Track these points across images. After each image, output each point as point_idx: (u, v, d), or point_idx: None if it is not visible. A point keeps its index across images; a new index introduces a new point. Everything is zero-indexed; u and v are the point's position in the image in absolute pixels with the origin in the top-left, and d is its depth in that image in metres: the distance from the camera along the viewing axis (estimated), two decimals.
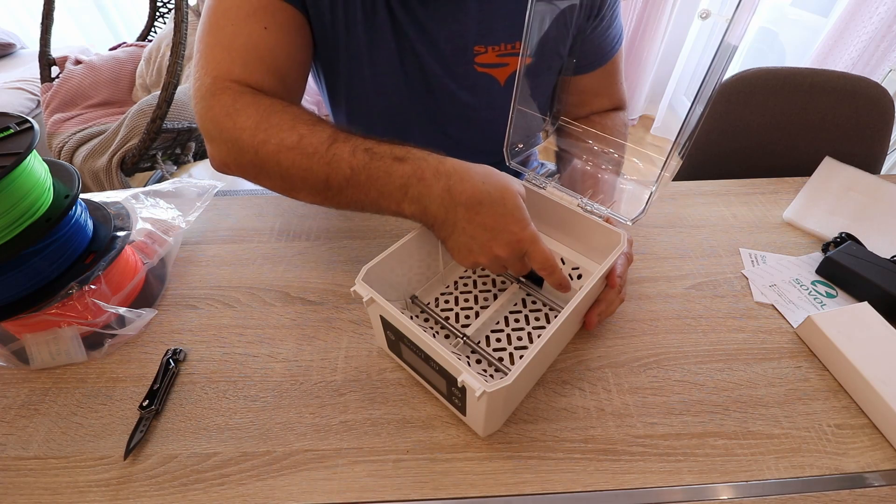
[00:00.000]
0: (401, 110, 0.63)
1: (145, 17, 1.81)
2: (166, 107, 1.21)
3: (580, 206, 0.50)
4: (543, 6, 0.50)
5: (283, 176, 0.45)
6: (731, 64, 0.37)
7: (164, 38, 1.57)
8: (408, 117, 0.64)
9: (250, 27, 0.47)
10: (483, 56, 0.59)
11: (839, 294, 0.56)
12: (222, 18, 0.48)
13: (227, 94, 0.46)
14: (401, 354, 0.46)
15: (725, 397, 0.46)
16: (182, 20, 1.19)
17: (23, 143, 0.43)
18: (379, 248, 0.54)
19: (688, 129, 0.40)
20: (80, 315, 0.48)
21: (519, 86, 0.50)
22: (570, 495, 0.40)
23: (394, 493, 0.40)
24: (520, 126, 0.53)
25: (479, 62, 0.59)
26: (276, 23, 0.49)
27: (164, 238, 0.58)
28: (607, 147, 0.59)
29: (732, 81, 0.89)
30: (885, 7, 1.35)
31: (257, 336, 0.51)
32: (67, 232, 0.47)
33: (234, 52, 0.48)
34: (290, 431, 0.43)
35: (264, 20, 0.48)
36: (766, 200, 0.70)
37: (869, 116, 0.84)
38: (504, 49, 0.58)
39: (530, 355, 0.35)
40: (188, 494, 0.39)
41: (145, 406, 0.44)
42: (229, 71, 0.47)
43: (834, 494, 0.39)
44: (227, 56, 0.47)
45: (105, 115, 1.50)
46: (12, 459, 0.42)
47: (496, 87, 0.61)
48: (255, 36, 0.48)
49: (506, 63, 0.60)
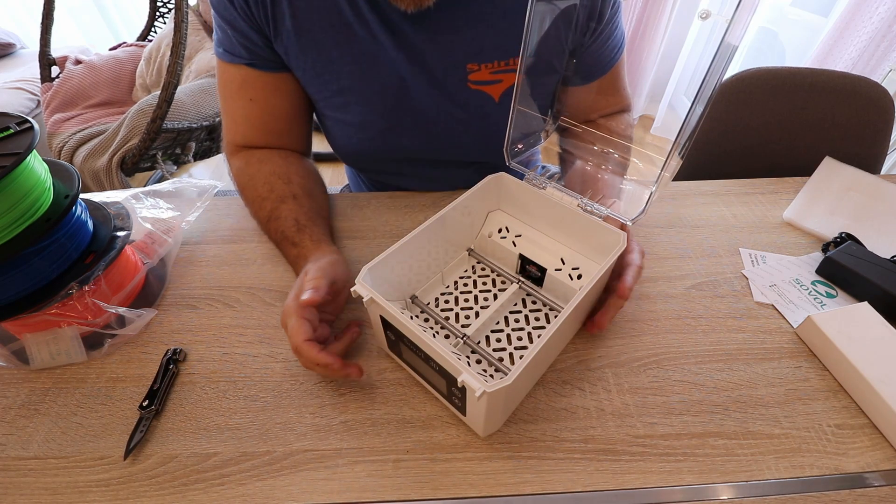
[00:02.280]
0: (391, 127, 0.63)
1: (145, 17, 1.81)
2: (166, 107, 1.21)
3: (580, 206, 0.50)
4: (543, 6, 0.50)
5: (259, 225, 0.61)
6: (731, 64, 0.37)
7: (164, 38, 1.57)
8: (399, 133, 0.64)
9: (240, 101, 0.60)
10: (476, 74, 0.59)
11: (839, 294, 0.56)
12: (224, 92, 0.61)
13: (235, 157, 0.64)
14: (401, 354, 0.46)
15: (725, 397, 0.46)
16: (182, 20, 1.19)
17: (23, 143, 0.43)
18: (379, 248, 0.54)
19: (688, 129, 0.40)
20: (80, 315, 0.48)
21: (519, 86, 0.50)
22: (570, 495, 0.40)
23: (394, 493, 0.40)
24: (520, 126, 0.53)
25: (472, 80, 0.59)
26: (258, 93, 0.60)
27: (164, 238, 0.58)
28: (610, 148, 0.58)
29: (732, 81, 0.89)
30: (885, 7, 1.35)
31: (257, 336, 0.51)
32: (67, 232, 0.47)
33: (236, 124, 0.62)
34: (290, 431, 0.43)
35: (249, 93, 0.60)
36: (766, 200, 0.70)
37: (869, 116, 0.84)
38: (497, 66, 0.58)
39: (530, 355, 0.35)
40: (188, 494, 0.39)
41: (145, 406, 0.44)
42: (234, 139, 0.64)
43: (834, 494, 0.39)
44: (232, 126, 0.63)
45: (105, 115, 1.50)
46: (12, 459, 0.42)
47: (490, 103, 0.61)
48: (245, 108, 0.61)
49: (499, 80, 0.59)
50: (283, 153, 0.63)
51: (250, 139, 0.63)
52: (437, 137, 0.64)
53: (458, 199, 0.50)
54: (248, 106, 0.60)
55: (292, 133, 0.65)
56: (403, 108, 0.61)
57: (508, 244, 0.55)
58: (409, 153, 0.66)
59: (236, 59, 0.57)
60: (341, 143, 0.67)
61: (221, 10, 0.54)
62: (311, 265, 0.48)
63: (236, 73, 0.58)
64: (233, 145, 0.64)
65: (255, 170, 0.60)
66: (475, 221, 0.57)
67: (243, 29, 0.55)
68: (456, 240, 0.55)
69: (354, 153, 0.68)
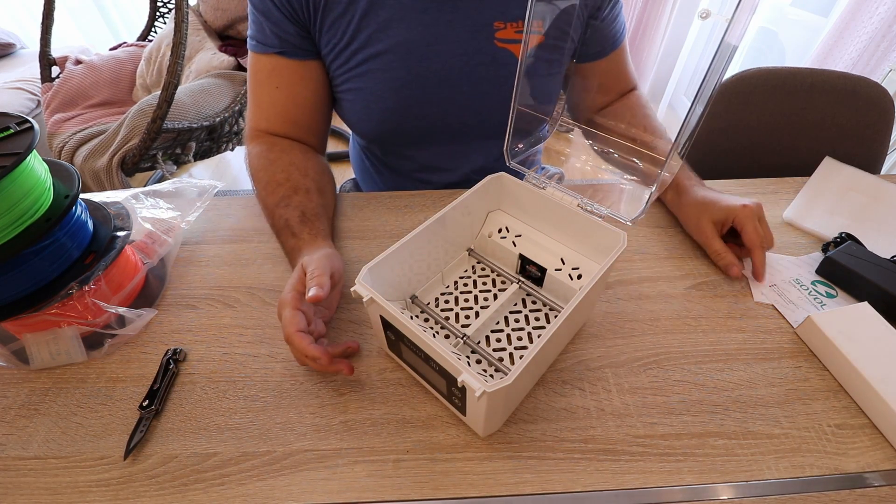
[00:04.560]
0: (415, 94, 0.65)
1: (145, 17, 1.81)
2: (167, 107, 1.21)
3: (580, 206, 0.50)
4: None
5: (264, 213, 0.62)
6: (731, 64, 0.37)
7: (164, 38, 1.57)
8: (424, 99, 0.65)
9: (267, 88, 0.64)
10: (503, 32, 0.61)
11: (839, 294, 0.56)
12: (253, 81, 0.64)
13: (256, 141, 0.66)
14: (401, 354, 0.46)
15: (725, 397, 0.46)
16: (182, 20, 1.19)
17: (23, 143, 0.43)
18: (379, 248, 0.54)
19: (688, 129, 0.40)
20: (80, 315, 0.48)
21: (519, 85, 0.50)
22: (570, 495, 0.40)
23: (394, 493, 0.40)
24: (520, 126, 0.54)
25: (498, 38, 0.62)
26: (284, 81, 0.63)
27: (164, 238, 0.58)
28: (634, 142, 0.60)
29: (732, 81, 0.89)
30: (885, 7, 1.35)
31: (257, 336, 0.51)
32: (67, 232, 0.47)
33: (261, 110, 0.66)
34: (290, 431, 0.43)
35: (276, 81, 0.63)
36: (766, 200, 0.70)
37: (869, 116, 0.84)
38: (518, 26, 0.61)
39: (530, 355, 0.35)
40: (188, 494, 0.39)
41: (145, 406, 0.44)
42: (257, 124, 0.66)
43: (834, 494, 0.39)
44: (257, 112, 0.66)
45: (105, 115, 1.50)
46: (12, 459, 0.42)
47: (515, 62, 0.63)
48: (272, 95, 0.64)
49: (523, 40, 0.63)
50: (303, 148, 0.66)
51: (273, 125, 0.66)
52: (463, 96, 0.65)
53: (458, 199, 0.50)
54: (274, 93, 0.64)
55: (311, 126, 0.68)
56: (430, 71, 0.62)
57: (508, 244, 0.55)
58: (432, 120, 0.67)
59: (268, 48, 0.61)
60: (362, 117, 0.68)
61: (257, 3, 0.59)
62: (308, 257, 0.49)
63: (267, 63, 0.62)
64: (255, 130, 0.66)
65: (276, 156, 0.63)
66: (475, 221, 0.57)
67: (277, 19, 0.58)
68: (456, 240, 0.55)
69: (376, 123, 0.68)
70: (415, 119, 0.67)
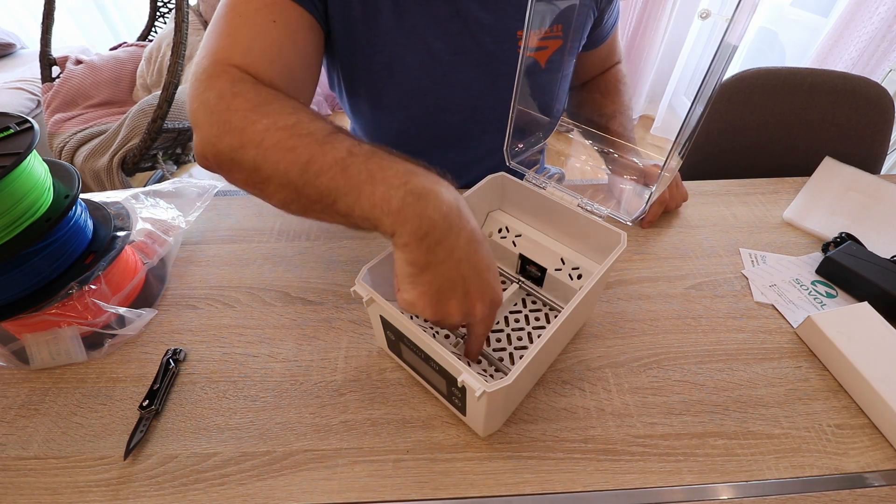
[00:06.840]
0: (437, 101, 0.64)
1: (145, 17, 1.81)
2: (167, 107, 1.22)
3: (580, 206, 0.50)
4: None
5: (256, 162, 0.37)
6: (731, 64, 0.37)
7: (164, 37, 1.57)
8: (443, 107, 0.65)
9: (258, 19, 0.45)
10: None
11: (839, 294, 0.56)
12: (231, 12, 0.46)
13: (225, 77, 0.41)
14: (401, 354, 0.45)
15: (725, 397, 0.46)
16: (183, 20, 1.19)
17: (23, 143, 0.43)
18: (379, 248, 0.54)
19: (688, 129, 0.40)
20: (80, 315, 0.48)
21: (519, 85, 0.50)
22: (570, 495, 0.40)
23: (394, 493, 0.40)
24: (521, 126, 0.54)
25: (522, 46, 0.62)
26: (285, 18, 0.47)
27: (164, 238, 0.58)
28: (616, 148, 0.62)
29: (732, 81, 0.89)
30: (885, 7, 1.35)
31: (257, 336, 0.51)
32: (67, 232, 0.47)
33: (238, 39, 0.44)
34: (290, 431, 0.43)
35: (273, 14, 0.46)
36: (766, 200, 0.70)
37: (869, 116, 0.84)
38: (542, 32, 0.62)
39: (530, 355, 0.35)
40: (188, 494, 0.39)
41: (145, 406, 0.44)
42: (230, 56, 0.43)
43: (834, 494, 0.39)
44: (230, 41, 0.44)
45: (106, 115, 1.51)
46: (12, 459, 0.42)
47: (537, 68, 0.64)
48: (263, 27, 0.45)
49: (545, 46, 0.63)
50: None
51: (257, 62, 0.44)
52: (487, 104, 0.65)
53: None
54: (268, 26, 0.46)
55: (303, 86, 0.50)
56: (453, 80, 0.62)
57: (508, 244, 0.55)
58: (451, 129, 0.67)
59: None
60: (381, 123, 0.67)
61: None
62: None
63: None
64: (221, 64, 0.43)
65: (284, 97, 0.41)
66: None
67: None
68: None
69: (395, 133, 0.67)
70: (437, 127, 0.67)
